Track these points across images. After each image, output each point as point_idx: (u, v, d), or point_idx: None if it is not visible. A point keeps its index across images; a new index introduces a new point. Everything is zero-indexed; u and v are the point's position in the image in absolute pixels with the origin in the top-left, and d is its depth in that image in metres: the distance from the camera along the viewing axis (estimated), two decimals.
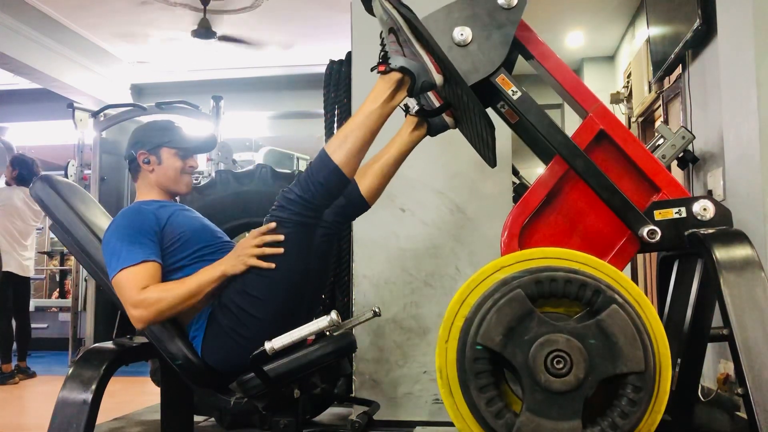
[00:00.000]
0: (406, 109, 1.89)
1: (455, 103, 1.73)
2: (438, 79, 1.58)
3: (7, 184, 5.27)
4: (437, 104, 1.73)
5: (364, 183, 1.93)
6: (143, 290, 1.74)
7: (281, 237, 1.70)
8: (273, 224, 1.70)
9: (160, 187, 2.02)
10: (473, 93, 1.58)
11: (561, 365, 1.34)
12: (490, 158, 1.80)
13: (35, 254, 5.41)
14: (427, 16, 1.61)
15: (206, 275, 1.75)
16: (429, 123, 1.88)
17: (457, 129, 1.90)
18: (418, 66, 1.62)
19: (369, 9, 1.69)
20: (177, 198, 2.13)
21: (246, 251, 1.71)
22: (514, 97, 1.62)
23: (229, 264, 1.74)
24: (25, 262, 5.12)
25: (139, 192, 2.04)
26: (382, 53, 1.70)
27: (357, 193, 1.92)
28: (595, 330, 1.34)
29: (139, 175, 2.03)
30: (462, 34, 1.60)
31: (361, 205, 1.95)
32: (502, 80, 1.62)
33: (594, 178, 1.59)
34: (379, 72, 1.69)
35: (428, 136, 1.92)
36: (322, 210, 1.76)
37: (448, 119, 1.85)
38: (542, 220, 1.68)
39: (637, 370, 1.33)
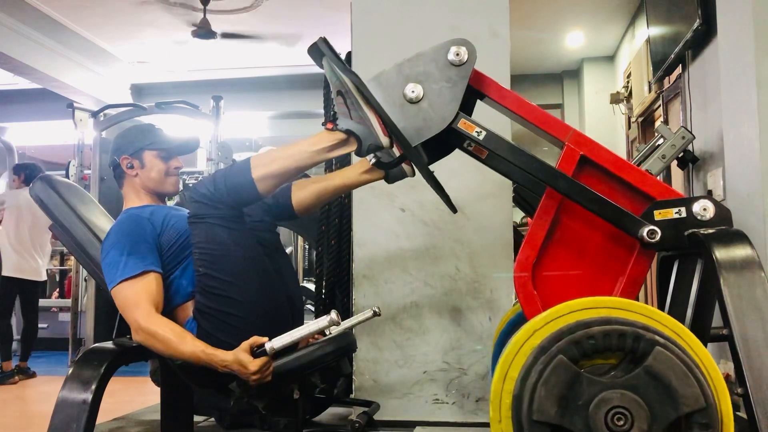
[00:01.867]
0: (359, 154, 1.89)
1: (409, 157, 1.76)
2: (384, 141, 1.61)
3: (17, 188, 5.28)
4: (397, 153, 1.75)
5: (299, 195, 1.97)
6: (151, 314, 1.73)
7: (271, 368, 1.68)
8: (265, 340, 1.66)
9: (146, 190, 2.01)
10: (417, 153, 1.63)
11: (622, 422, 1.31)
12: (449, 204, 1.86)
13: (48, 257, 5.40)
14: (378, 74, 1.63)
15: (202, 351, 1.69)
16: (387, 171, 1.91)
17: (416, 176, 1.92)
18: (365, 130, 1.64)
19: (319, 64, 1.72)
20: (170, 200, 2.14)
21: (248, 372, 1.66)
22: (480, 138, 1.63)
23: (228, 360, 1.67)
24: (33, 265, 5.12)
25: (126, 198, 2.03)
26: (332, 112, 1.73)
27: (288, 200, 1.96)
28: (645, 377, 1.31)
29: (124, 180, 2.03)
30: (413, 91, 1.61)
31: (288, 212, 1.99)
32: (464, 124, 1.63)
33: (580, 195, 1.59)
34: (327, 129, 1.74)
35: (385, 182, 1.95)
36: (233, 206, 1.76)
37: (406, 168, 1.86)
38: (549, 256, 1.67)
39: (699, 407, 1.30)
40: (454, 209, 1.91)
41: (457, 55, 1.61)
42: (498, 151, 1.63)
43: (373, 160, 1.87)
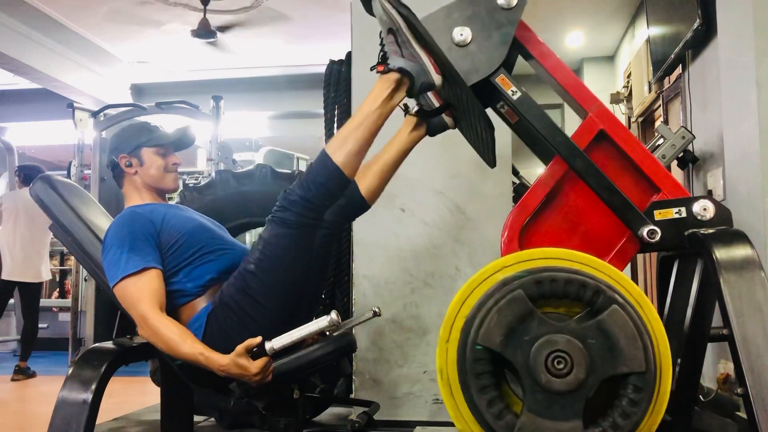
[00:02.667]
0: (406, 109, 1.88)
1: (454, 104, 1.73)
2: (437, 79, 1.58)
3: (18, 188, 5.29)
4: (437, 104, 1.73)
5: (364, 183, 1.92)
6: (155, 310, 1.73)
7: (270, 369, 1.67)
8: (259, 339, 1.65)
9: (146, 187, 2.01)
10: (473, 93, 1.58)
11: (562, 365, 1.34)
12: (490, 159, 1.80)
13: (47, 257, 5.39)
14: (426, 16, 1.61)
15: (200, 352, 1.68)
16: (428, 123, 1.88)
17: (456, 129, 1.90)
18: (417, 67, 1.61)
19: (369, 9, 1.70)
20: (172, 197, 2.13)
21: (249, 374, 1.65)
22: (514, 98, 1.62)
23: (225, 363, 1.65)
24: (33, 267, 5.12)
25: (127, 197, 2.03)
26: (381, 53, 1.70)
27: (357, 193, 1.92)
28: (595, 330, 1.34)
29: (123, 180, 2.02)
30: (462, 34, 1.60)
31: (362, 205, 1.95)
32: (501, 80, 1.62)
33: (594, 178, 1.59)
34: (377, 72, 1.69)
35: (427, 136, 1.92)
36: (323, 211, 1.75)
37: (447, 119, 1.85)
38: (542, 221, 1.67)
39: (638, 370, 1.33)
40: (492, 163, 1.82)
41: None
42: (528, 115, 1.62)
43: (416, 109, 1.84)
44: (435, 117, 1.86)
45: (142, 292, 1.75)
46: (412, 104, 1.88)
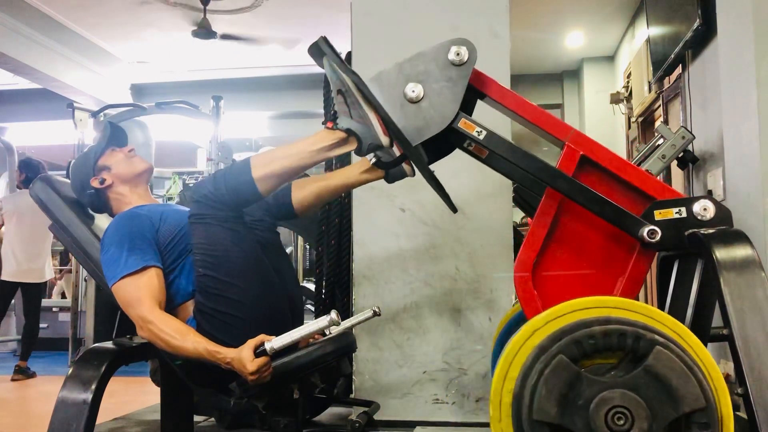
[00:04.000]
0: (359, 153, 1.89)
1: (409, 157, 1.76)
2: (384, 141, 1.60)
3: (18, 188, 5.29)
4: (398, 153, 1.74)
5: (299, 194, 1.96)
6: (155, 310, 1.73)
7: (271, 366, 1.66)
8: (261, 339, 1.64)
9: (129, 188, 2.03)
10: (418, 153, 1.63)
11: (622, 421, 1.30)
12: (449, 204, 1.86)
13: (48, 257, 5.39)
14: (379, 73, 1.63)
15: (204, 348, 1.68)
16: (386, 171, 1.90)
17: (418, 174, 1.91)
18: (365, 128, 1.64)
19: (320, 64, 1.71)
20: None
21: (246, 372, 1.64)
22: (481, 137, 1.62)
23: (230, 357, 1.66)
24: (35, 267, 5.12)
25: (120, 210, 2.02)
26: (333, 111, 1.72)
27: (288, 199, 1.96)
28: (645, 377, 1.31)
29: (109, 199, 2.03)
30: (414, 91, 1.61)
31: (289, 211, 1.98)
32: (464, 124, 1.62)
33: (580, 195, 1.59)
34: (327, 128, 1.73)
35: (385, 182, 1.94)
36: (234, 207, 1.77)
37: (406, 168, 1.85)
38: (550, 256, 1.66)
39: (699, 407, 1.29)
40: (454, 209, 1.90)
41: (458, 54, 1.60)
42: (498, 150, 1.63)
43: (373, 160, 1.86)
44: (392, 168, 1.86)
45: (141, 291, 1.75)
46: (369, 156, 1.87)
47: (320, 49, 1.61)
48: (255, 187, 1.72)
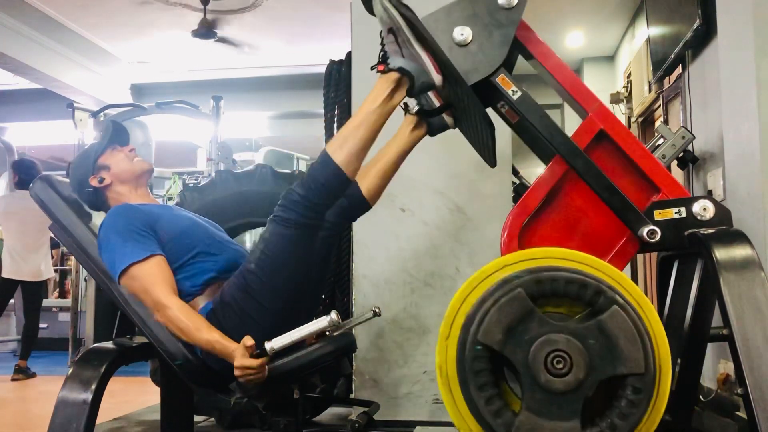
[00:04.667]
0: (406, 109, 1.88)
1: (455, 103, 1.73)
2: (437, 79, 1.58)
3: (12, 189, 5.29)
4: (437, 104, 1.73)
5: (365, 183, 1.92)
6: (171, 295, 1.73)
7: (264, 370, 1.66)
8: (251, 342, 1.63)
9: (128, 188, 2.02)
10: (473, 93, 1.58)
11: (561, 365, 1.33)
12: (490, 158, 1.79)
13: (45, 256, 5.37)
14: (427, 16, 1.61)
15: (217, 340, 1.68)
16: (428, 123, 1.88)
17: (456, 129, 1.90)
18: (417, 66, 1.62)
19: (369, 8, 1.69)
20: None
21: (238, 367, 1.64)
22: (515, 97, 1.61)
23: (233, 352, 1.66)
24: (32, 267, 5.12)
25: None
26: (382, 53, 1.70)
27: (358, 193, 1.91)
28: (595, 330, 1.34)
29: (107, 198, 2.02)
30: (462, 34, 1.60)
31: (363, 205, 1.94)
32: (502, 80, 1.62)
33: (594, 178, 1.59)
34: (378, 71, 1.70)
35: (428, 136, 1.92)
36: (324, 211, 1.76)
37: (447, 119, 1.84)
38: (542, 221, 1.67)
39: (637, 371, 1.32)
40: (493, 163, 1.81)
41: None
42: (528, 115, 1.62)
43: (417, 108, 1.84)
44: (435, 117, 1.85)
45: (155, 277, 1.74)
46: (413, 103, 1.88)
47: None
48: (342, 172, 1.69)
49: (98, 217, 2.10)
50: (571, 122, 6.58)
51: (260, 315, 1.74)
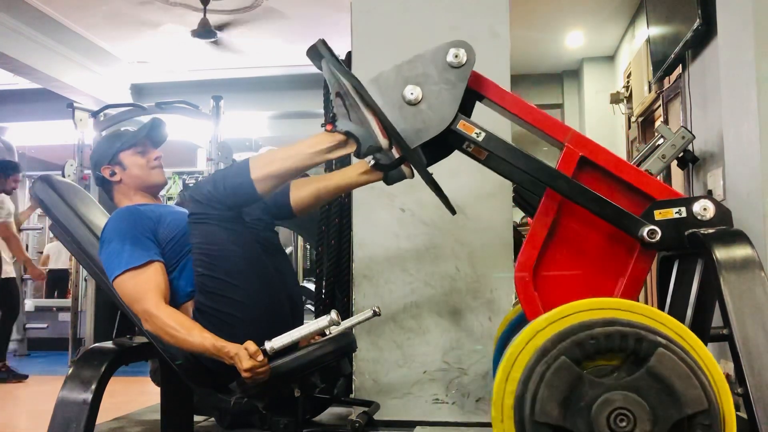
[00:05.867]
0: (358, 155, 1.88)
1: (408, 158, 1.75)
2: (383, 143, 1.60)
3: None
4: (396, 155, 1.74)
5: (298, 194, 1.96)
6: (161, 304, 1.74)
7: (268, 368, 1.66)
8: (254, 347, 1.65)
9: (136, 190, 2.03)
10: (416, 155, 1.63)
11: (624, 423, 1.30)
12: (448, 206, 1.85)
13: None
14: (377, 75, 1.63)
15: (211, 343, 1.68)
16: (386, 173, 1.89)
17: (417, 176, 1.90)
18: (364, 131, 1.64)
19: (318, 66, 1.71)
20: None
21: (240, 367, 1.65)
22: (480, 139, 1.62)
23: (233, 353, 1.66)
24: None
25: (121, 205, 2.03)
26: (331, 114, 1.72)
27: (286, 199, 1.95)
28: (647, 379, 1.31)
29: (113, 191, 2.04)
30: (412, 93, 1.61)
31: (287, 211, 1.97)
32: (463, 126, 1.62)
33: (580, 195, 1.59)
34: (326, 130, 1.73)
35: (384, 184, 1.93)
36: (232, 207, 1.76)
37: (405, 169, 1.84)
38: (550, 257, 1.66)
39: (701, 408, 1.29)
40: (453, 211, 1.90)
41: (456, 56, 1.61)
42: (497, 152, 1.63)
43: (372, 162, 1.86)
44: (391, 170, 1.86)
45: (147, 285, 1.75)
46: (368, 158, 1.86)
47: (318, 52, 1.61)
48: (253, 187, 1.72)
49: (99, 217, 2.10)
50: (571, 122, 6.59)
51: (236, 309, 1.75)
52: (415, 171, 1.76)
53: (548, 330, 1.41)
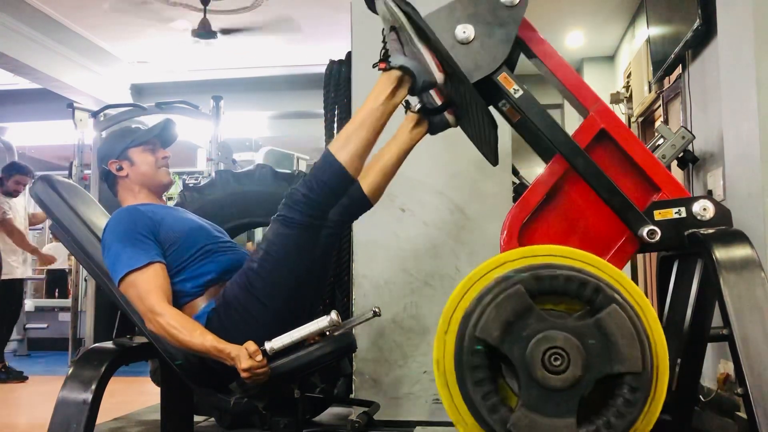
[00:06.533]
0: (407, 107, 1.88)
1: (457, 101, 1.73)
2: (439, 77, 1.58)
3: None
4: (439, 102, 1.72)
5: (367, 182, 1.91)
6: (164, 303, 1.73)
7: (267, 368, 1.65)
8: (254, 347, 1.63)
9: (141, 188, 2.01)
10: (476, 91, 1.58)
11: (558, 362, 1.33)
12: (493, 157, 1.79)
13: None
14: (429, 14, 1.61)
15: (212, 344, 1.68)
16: (430, 121, 1.88)
17: (458, 127, 1.89)
18: (419, 65, 1.61)
19: (372, 7, 1.69)
20: (171, 198, 2.14)
21: (240, 367, 1.64)
22: (516, 96, 1.62)
23: (234, 354, 1.65)
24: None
25: (124, 201, 2.02)
26: (384, 50, 1.70)
27: (360, 192, 1.90)
28: (593, 329, 1.34)
29: (117, 186, 2.03)
30: (464, 32, 1.60)
31: (364, 203, 1.94)
32: (504, 78, 1.62)
33: (594, 178, 1.59)
34: (379, 69, 1.69)
35: (428, 134, 1.92)
36: (327, 210, 1.75)
37: (449, 117, 1.83)
38: (542, 219, 1.67)
39: (634, 370, 1.32)
40: (495, 161, 1.81)
41: None
42: (530, 113, 1.62)
43: (419, 106, 1.84)
44: (437, 115, 1.85)
45: (149, 286, 1.75)
46: (414, 101, 1.88)
47: None
48: (345, 171, 1.69)
49: (100, 217, 2.10)
50: (571, 122, 6.59)
51: (262, 314, 1.74)
52: (456, 120, 1.71)
53: (515, 263, 1.45)
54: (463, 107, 1.72)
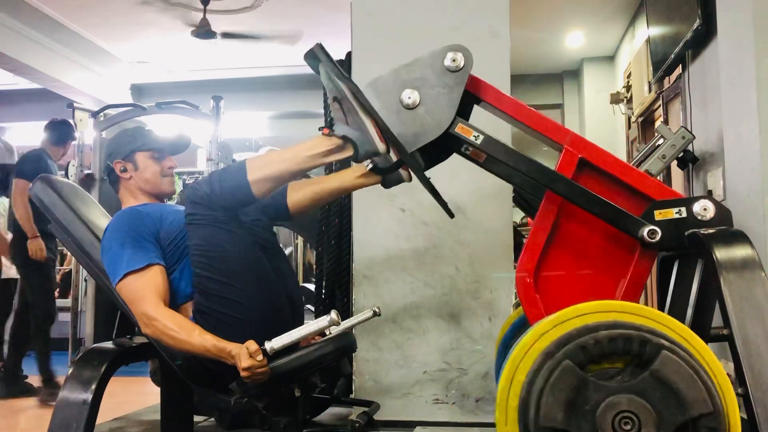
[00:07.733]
0: (356, 159, 1.87)
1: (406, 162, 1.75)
2: (380, 147, 1.60)
3: None
4: (395, 158, 1.74)
5: (295, 196, 1.95)
6: (159, 306, 1.74)
7: (267, 368, 1.66)
8: (255, 347, 1.64)
9: (142, 191, 2.02)
10: (414, 159, 1.63)
11: (629, 426, 1.31)
12: (446, 210, 1.85)
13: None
14: (375, 79, 1.63)
15: (212, 344, 1.68)
16: (384, 176, 1.89)
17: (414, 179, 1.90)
18: (361, 135, 1.63)
19: (316, 70, 1.71)
20: (171, 198, 2.14)
21: (240, 366, 1.65)
22: (478, 142, 1.63)
23: (234, 353, 1.66)
24: None
25: (124, 201, 2.04)
26: (329, 118, 1.72)
27: (284, 200, 1.95)
28: (652, 381, 1.31)
29: (119, 185, 2.04)
30: (410, 97, 1.61)
31: (284, 213, 1.97)
32: (461, 129, 1.63)
33: (579, 197, 1.59)
34: (323, 134, 1.73)
35: (382, 187, 1.92)
36: (230, 210, 1.76)
37: (403, 173, 1.83)
38: (551, 259, 1.66)
39: (706, 411, 1.29)
40: (451, 214, 1.89)
41: (454, 60, 1.61)
42: (496, 154, 1.63)
43: (370, 166, 1.86)
44: (389, 174, 1.85)
45: (146, 288, 1.75)
46: (366, 162, 1.86)
47: (316, 56, 1.61)
48: (250, 190, 1.71)
49: (100, 217, 2.10)
50: (571, 122, 6.59)
51: (235, 310, 1.74)
52: (413, 175, 1.76)
53: (552, 333, 1.41)
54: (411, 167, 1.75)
